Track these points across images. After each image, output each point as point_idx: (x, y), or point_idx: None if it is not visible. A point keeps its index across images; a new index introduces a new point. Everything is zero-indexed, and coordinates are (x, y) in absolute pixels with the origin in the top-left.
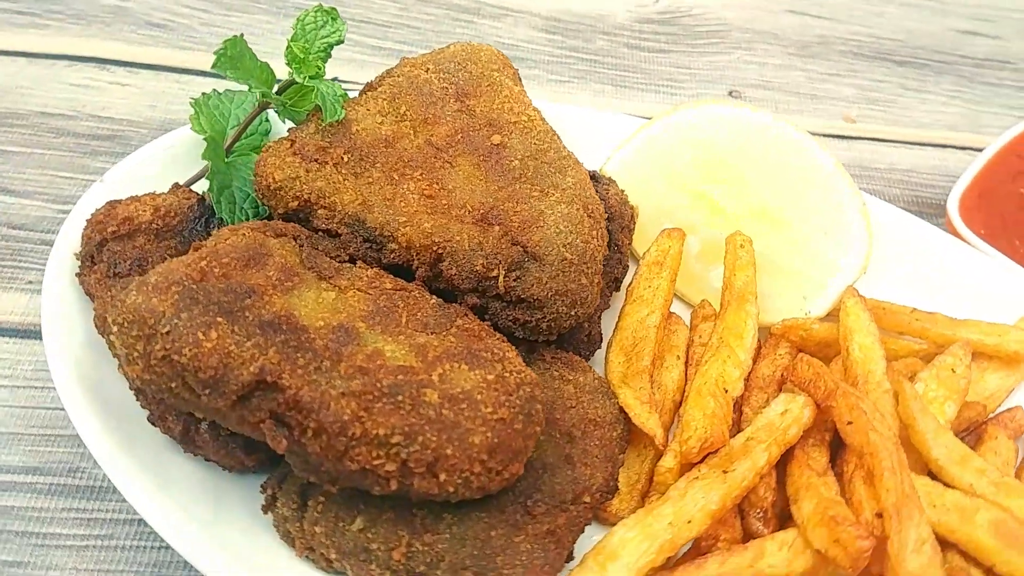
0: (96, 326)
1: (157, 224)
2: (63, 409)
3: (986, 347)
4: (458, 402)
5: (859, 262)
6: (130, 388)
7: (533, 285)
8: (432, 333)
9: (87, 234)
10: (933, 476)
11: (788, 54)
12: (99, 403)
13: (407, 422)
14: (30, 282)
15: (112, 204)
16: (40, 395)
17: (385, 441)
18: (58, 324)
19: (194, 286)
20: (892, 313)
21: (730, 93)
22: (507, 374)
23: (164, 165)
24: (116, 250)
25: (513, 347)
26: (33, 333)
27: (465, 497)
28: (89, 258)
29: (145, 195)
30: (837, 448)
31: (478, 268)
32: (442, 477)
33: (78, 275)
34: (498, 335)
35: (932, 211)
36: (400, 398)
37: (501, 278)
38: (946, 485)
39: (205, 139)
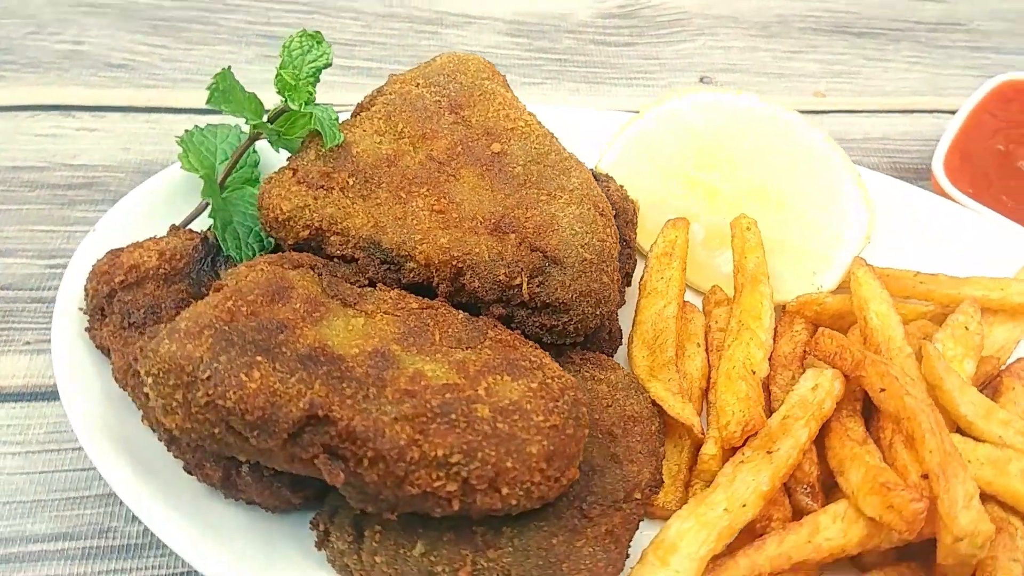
0: (116, 379)
1: (165, 269)
2: (85, 470)
3: (991, 302)
4: (509, 414)
5: (862, 232)
6: (159, 439)
7: (557, 289)
8: (468, 348)
9: (92, 287)
10: (961, 432)
11: (750, 36)
12: (129, 457)
13: (464, 440)
14: (27, 343)
15: (114, 253)
16: (57, 458)
17: (445, 462)
18: (74, 383)
19: (226, 327)
20: (896, 278)
21: (701, 79)
22: (549, 380)
23: (154, 208)
24: (127, 300)
25: (547, 353)
26: (40, 395)
27: (526, 508)
28: (98, 311)
29: (147, 240)
30: (867, 416)
31: (500, 278)
32: (504, 491)
33: (87, 330)
34: (530, 342)
35: (912, 175)
36: (453, 416)
37: (525, 285)
38: (976, 440)
39: (201, 176)
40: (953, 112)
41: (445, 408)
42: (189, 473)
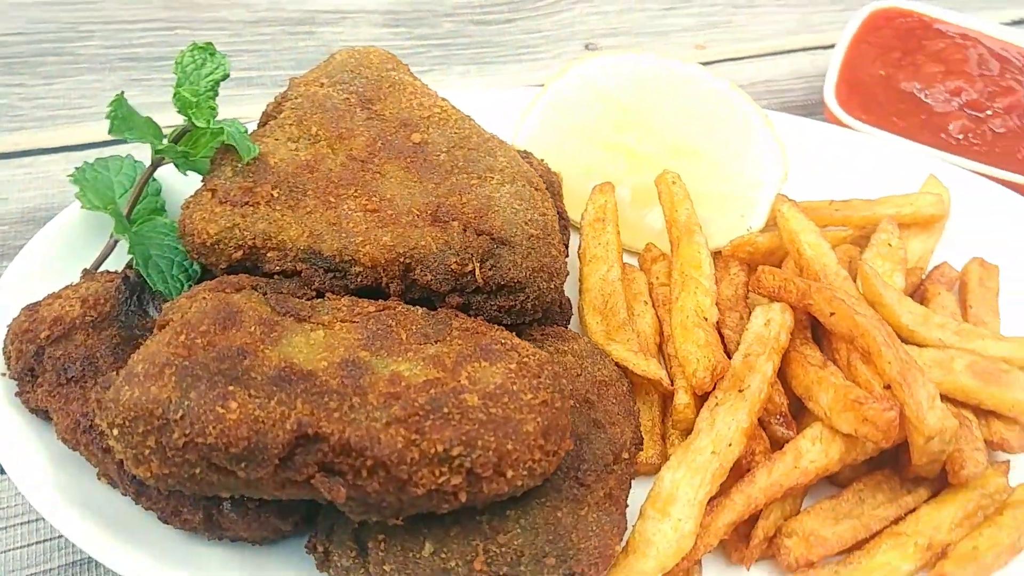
0: (64, 440)
1: (91, 316)
2: (41, 542)
3: (904, 217)
4: (499, 397)
5: (779, 171)
6: (123, 493)
7: (510, 269)
8: (437, 341)
9: (16, 348)
10: (904, 341)
11: None
12: (96, 517)
13: (462, 431)
14: None
15: (31, 308)
16: (6, 536)
17: (446, 456)
18: (18, 454)
19: (187, 362)
20: (813, 210)
21: (587, 46)
22: (525, 359)
23: (56, 256)
24: (58, 355)
25: (512, 333)
26: None
27: (530, 487)
28: (27, 372)
29: (64, 289)
30: (817, 342)
31: (452, 267)
32: (509, 474)
33: (18, 395)
34: (495, 326)
35: (803, 112)
36: (445, 410)
37: (478, 270)
38: (919, 346)
39: (107, 213)
40: (827, 47)
41: (434, 403)
42: (165, 522)
